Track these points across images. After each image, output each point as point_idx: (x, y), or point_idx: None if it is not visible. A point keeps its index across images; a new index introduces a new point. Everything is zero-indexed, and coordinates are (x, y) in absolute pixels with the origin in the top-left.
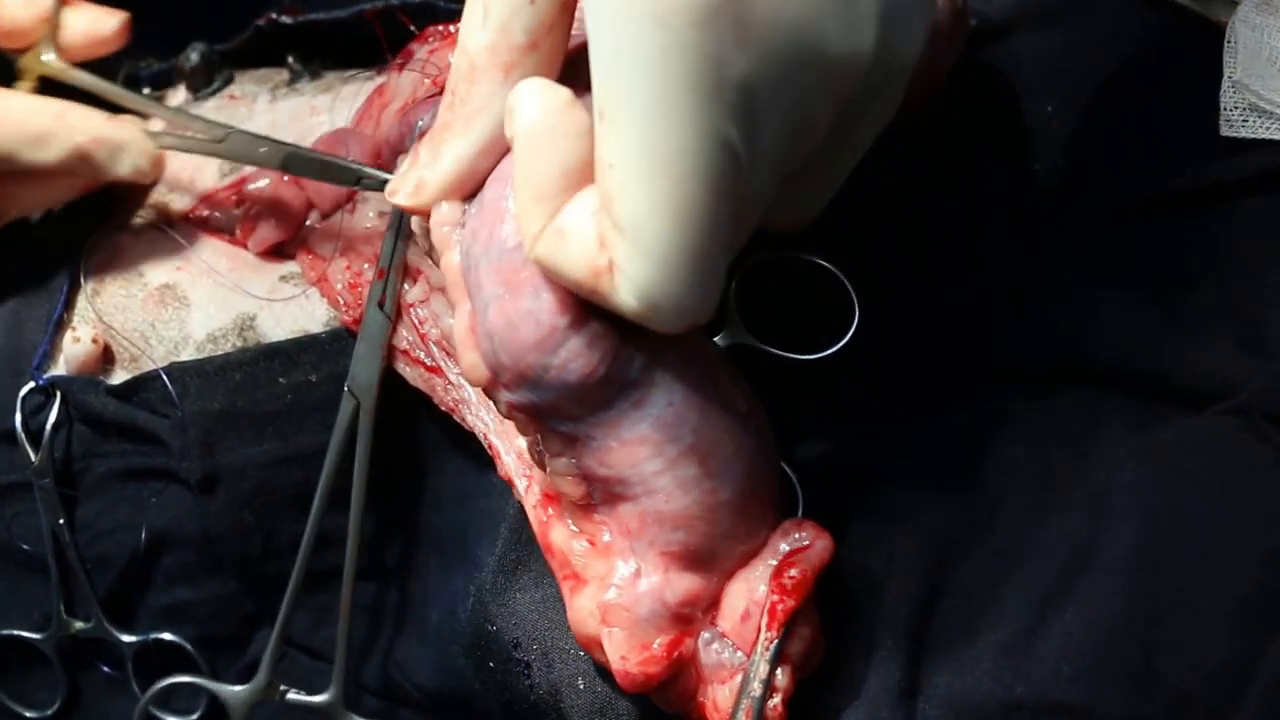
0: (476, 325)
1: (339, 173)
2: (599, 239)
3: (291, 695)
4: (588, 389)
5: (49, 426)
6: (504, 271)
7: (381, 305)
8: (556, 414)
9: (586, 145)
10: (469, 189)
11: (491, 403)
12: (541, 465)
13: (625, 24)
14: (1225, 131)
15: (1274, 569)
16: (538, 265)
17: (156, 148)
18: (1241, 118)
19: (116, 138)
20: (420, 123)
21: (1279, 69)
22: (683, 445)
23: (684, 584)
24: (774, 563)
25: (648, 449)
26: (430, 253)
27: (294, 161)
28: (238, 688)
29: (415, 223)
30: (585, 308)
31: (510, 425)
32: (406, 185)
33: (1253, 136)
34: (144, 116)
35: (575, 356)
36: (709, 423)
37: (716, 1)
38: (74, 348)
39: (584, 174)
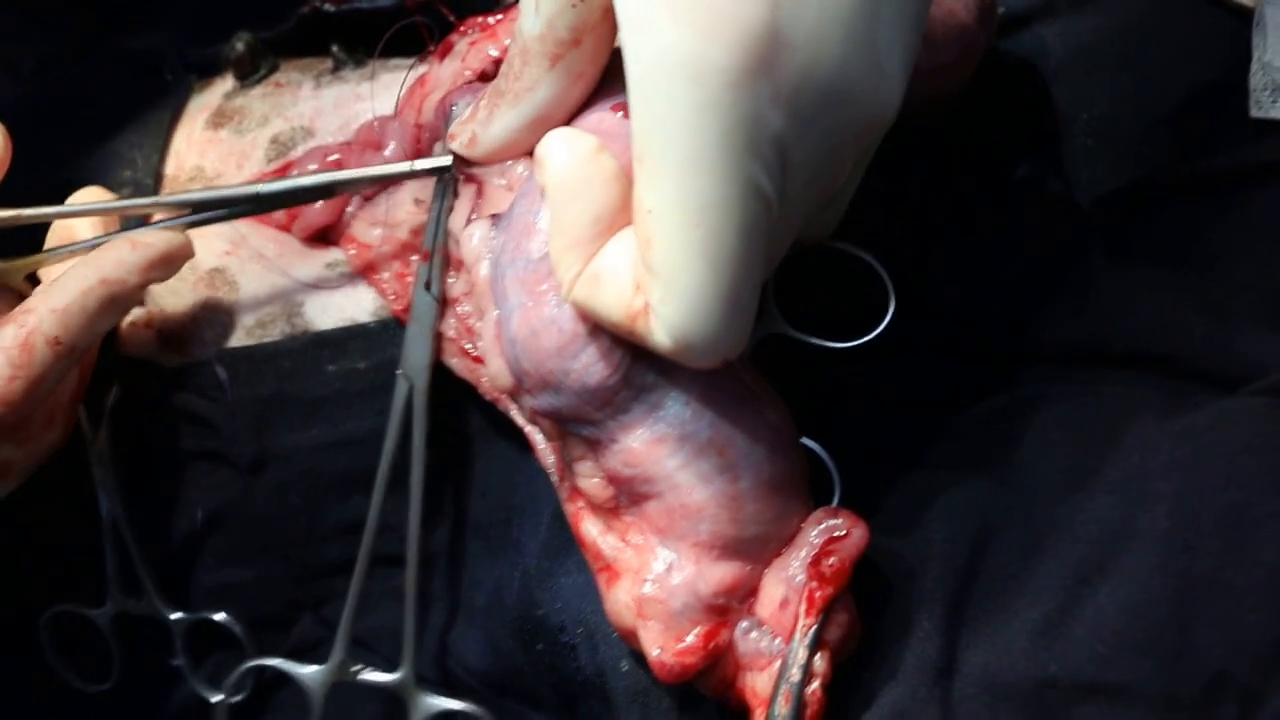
0: (500, 333)
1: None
2: (634, 283)
3: (365, 675)
4: (606, 392)
5: (107, 408)
6: (528, 282)
7: (428, 287)
8: (578, 418)
9: (616, 191)
10: (513, 155)
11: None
12: (564, 472)
13: (664, 79)
14: (1254, 113)
15: None
16: (574, 308)
17: (185, 236)
18: (1271, 99)
19: (161, 254)
20: (455, 108)
21: None
22: (701, 440)
23: (717, 574)
24: (811, 551)
25: (668, 446)
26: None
27: (340, 186)
28: (313, 668)
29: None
30: None
31: None
32: (464, 136)
33: None
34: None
35: (594, 361)
36: (725, 414)
37: (752, 63)
38: (128, 332)
39: (615, 219)
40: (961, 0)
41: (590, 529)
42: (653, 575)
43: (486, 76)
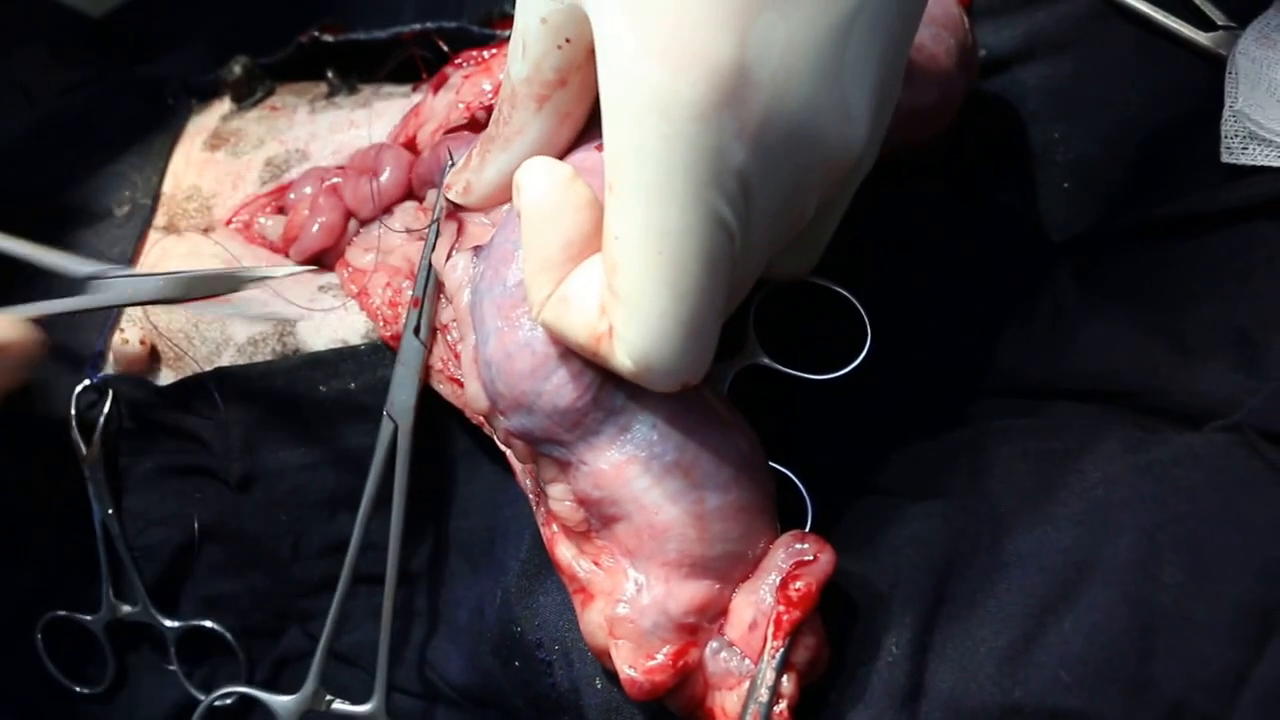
0: (478, 357)
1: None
2: (600, 306)
3: (337, 705)
4: (576, 413)
5: (101, 422)
6: (504, 307)
7: (417, 332)
8: (549, 439)
9: (587, 218)
10: (508, 199)
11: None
12: (540, 495)
13: (634, 110)
14: (1225, 158)
15: (1268, 582)
16: (543, 328)
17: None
18: (1241, 145)
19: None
20: (448, 164)
21: (1278, 99)
22: (667, 460)
23: (686, 593)
24: (779, 575)
25: (635, 468)
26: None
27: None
28: (286, 698)
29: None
30: None
31: None
32: (459, 184)
33: (1252, 163)
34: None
35: (565, 383)
36: (692, 436)
37: (717, 98)
38: (123, 349)
39: (585, 245)
40: (943, 45)
41: (564, 552)
42: (625, 596)
43: (477, 124)
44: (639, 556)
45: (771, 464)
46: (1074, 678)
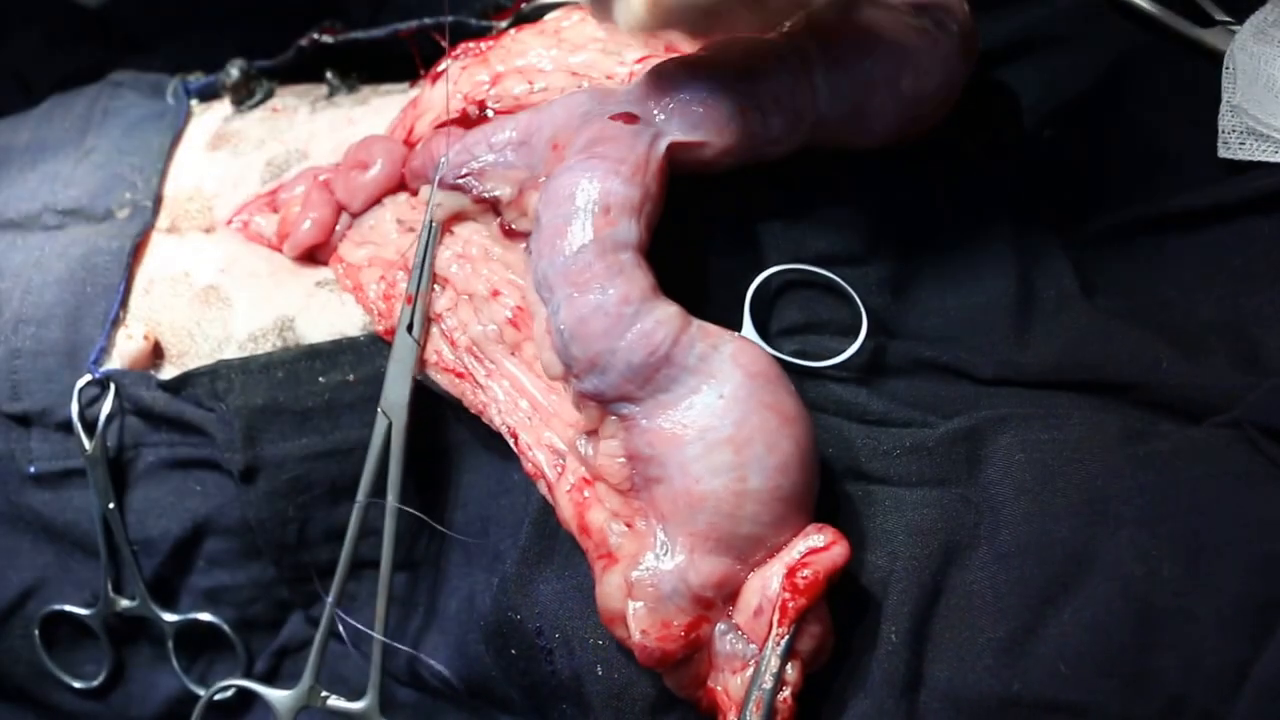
0: (550, 327)
1: None
2: None
3: (332, 701)
4: (649, 368)
5: (103, 417)
6: (570, 274)
7: (410, 330)
8: (621, 398)
9: None
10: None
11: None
12: (564, 469)
13: None
14: (1223, 153)
15: (1267, 576)
16: None
17: None
18: (1239, 140)
19: None
20: (442, 161)
21: (1275, 94)
22: (722, 434)
23: (707, 566)
24: (789, 562)
25: (692, 433)
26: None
27: None
28: (283, 693)
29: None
30: (648, 297)
31: (539, 421)
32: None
33: (1249, 159)
34: None
35: (641, 338)
36: (750, 417)
37: None
38: (127, 344)
39: None
40: (945, 30)
41: (598, 516)
42: (647, 559)
43: (468, 120)
44: (670, 521)
45: None
46: (1072, 670)
